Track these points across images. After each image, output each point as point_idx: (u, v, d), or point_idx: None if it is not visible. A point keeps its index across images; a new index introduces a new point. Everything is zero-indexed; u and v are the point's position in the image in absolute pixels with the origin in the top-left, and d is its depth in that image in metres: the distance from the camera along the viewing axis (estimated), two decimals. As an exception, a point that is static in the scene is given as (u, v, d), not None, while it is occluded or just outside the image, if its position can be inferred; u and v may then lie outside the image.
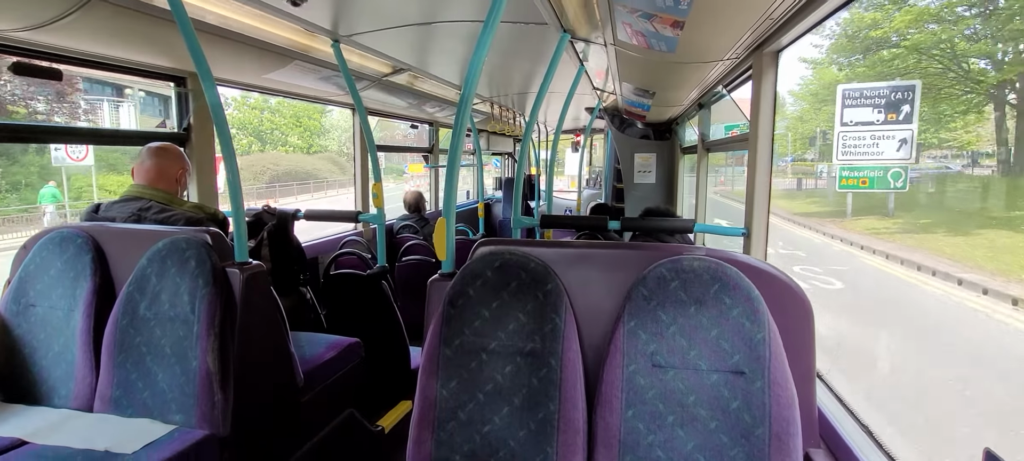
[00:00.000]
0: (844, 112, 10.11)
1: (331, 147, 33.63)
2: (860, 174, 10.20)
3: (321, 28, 2.13)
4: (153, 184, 1.77)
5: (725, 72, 2.27)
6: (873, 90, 9.97)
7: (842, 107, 10.16)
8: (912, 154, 9.81)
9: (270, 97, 24.38)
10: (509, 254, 1.23)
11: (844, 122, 10.08)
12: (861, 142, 9.93)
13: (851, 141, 10.01)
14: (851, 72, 17.21)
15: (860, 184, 10.29)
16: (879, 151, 9.80)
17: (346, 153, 33.20)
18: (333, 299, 2.60)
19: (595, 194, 8.02)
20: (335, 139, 33.84)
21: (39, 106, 13.70)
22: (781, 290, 1.13)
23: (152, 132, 2.40)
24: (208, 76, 1.57)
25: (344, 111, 3.73)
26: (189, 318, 1.47)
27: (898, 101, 9.66)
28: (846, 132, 10.03)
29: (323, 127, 33.39)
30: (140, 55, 2.00)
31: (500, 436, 1.14)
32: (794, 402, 1.05)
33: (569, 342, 1.16)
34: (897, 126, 9.63)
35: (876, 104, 9.86)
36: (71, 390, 1.55)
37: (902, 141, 9.62)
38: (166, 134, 2.29)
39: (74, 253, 1.60)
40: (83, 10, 1.53)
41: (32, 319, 1.60)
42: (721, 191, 18.20)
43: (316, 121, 32.03)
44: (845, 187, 10.58)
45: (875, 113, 9.82)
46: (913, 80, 11.36)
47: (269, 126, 29.60)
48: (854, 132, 9.98)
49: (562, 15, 1.85)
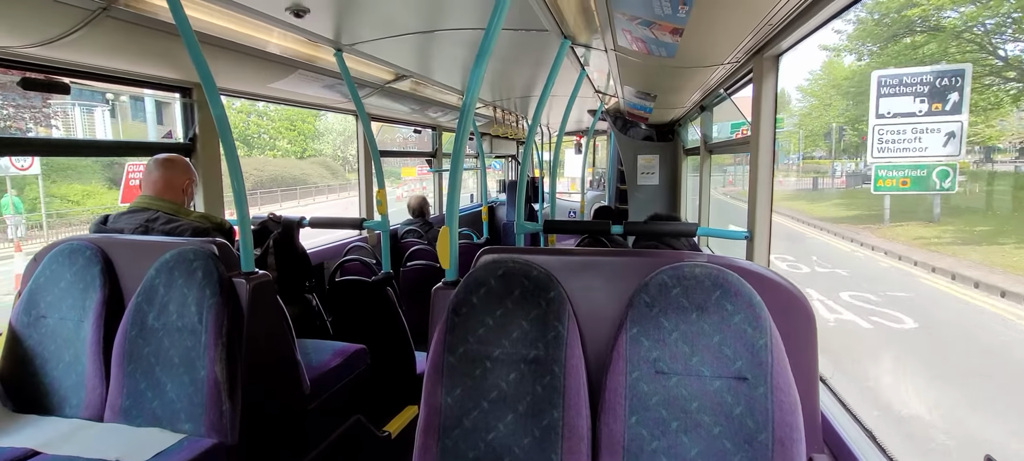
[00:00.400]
0: (880, 102, 8.48)
1: (326, 151, 33.01)
2: (900, 174, 8.61)
3: (324, 38, 2.15)
4: (160, 195, 1.79)
5: (726, 75, 2.27)
6: (914, 76, 8.33)
7: (878, 97, 8.55)
8: (960, 150, 8.22)
9: (258, 101, 24.02)
10: (512, 262, 1.24)
11: (880, 114, 8.46)
12: (901, 137, 8.32)
13: (889, 136, 8.39)
14: (877, 61, 15.51)
15: (900, 185, 8.66)
16: (922, 146, 8.16)
17: (340, 157, 32.65)
18: (339, 306, 2.62)
19: (599, 195, 8.02)
20: (330, 142, 33.32)
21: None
22: (783, 295, 1.14)
23: (159, 143, 2.43)
24: (213, 88, 1.59)
25: (340, 114, 3.76)
26: (197, 328, 1.49)
27: (944, 88, 8.16)
28: (883, 125, 8.41)
29: (317, 130, 32.78)
30: (146, 68, 2.03)
31: (505, 443, 1.15)
32: (797, 407, 1.06)
33: (572, 349, 1.16)
34: (943, 117, 8.04)
35: (918, 92, 8.27)
36: (82, 400, 1.57)
37: (949, 135, 8.03)
38: (173, 145, 2.32)
39: (83, 265, 1.62)
40: (89, 26, 1.55)
41: (43, 330, 1.63)
42: (730, 192, 16.80)
43: (310, 124, 31.29)
44: (883, 189, 8.88)
45: (917, 102, 8.23)
46: (962, 64, 9.76)
47: (256, 130, 28.60)
48: (892, 125, 8.36)
49: (562, 22, 1.86)
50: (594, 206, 5.25)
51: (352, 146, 36.57)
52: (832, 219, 14.57)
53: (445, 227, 1.43)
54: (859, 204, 15.60)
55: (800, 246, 11.98)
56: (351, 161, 33.59)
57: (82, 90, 14.25)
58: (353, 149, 32.62)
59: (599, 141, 9.12)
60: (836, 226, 13.30)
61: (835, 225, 13.45)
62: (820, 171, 24.05)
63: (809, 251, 11.11)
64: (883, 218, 12.51)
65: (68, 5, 1.46)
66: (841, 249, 11.37)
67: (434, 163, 5.21)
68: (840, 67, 25.58)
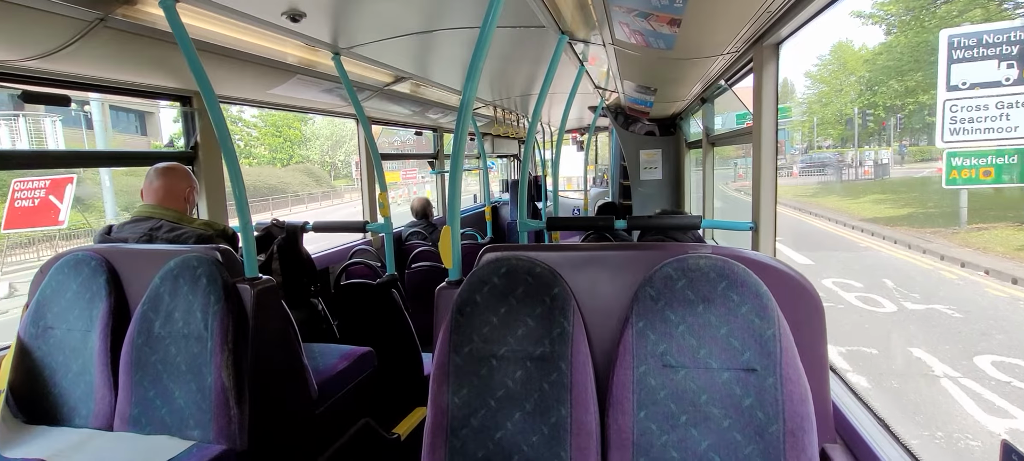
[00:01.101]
0: (951, 70, 6.06)
1: (313, 157, 32.37)
2: (983, 162, 6.40)
3: (321, 42, 2.16)
4: (162, 203, 1.80)
5: (726, 66, 2.26)
6: (999, 33, 5.98)
7: (948, 63, 6.08)
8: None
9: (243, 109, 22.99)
10: (515, 259, 1.23)
11: (952, 84, 6.06)
12: (982, 113, 5.96)
13: (965, 112, 6.03)
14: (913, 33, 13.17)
15: (982, 176, 6.41)
16: (1011, 125, 5.81)
17: (329, 162, 32.07)
18: (344, 309, 2.63)
19: (602, 192, 8.01)
20: (317, 149, 32.73)
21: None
22: (789, 285, 1.12)
23: (160, 152, 2.44)
24: (211, 96, 1.60)
25: (327, 118, 3.76)
26: (203, 335, 1.50)
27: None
28: (957, 100, 6.04)
29: (304, 136, 31.92)
30: (145, 77, 2.03)
31: (513, 442, 1.15)
32: (808, 397, 1.04)
33: (578, 345, 1.16)
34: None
35: (1005, 53, 5.92)
36: (91, 410, 1.58)
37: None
38: (174, 153, 2.33)
39: (89, 275, 1.63)
40: (87, 37, 1.56)
41: (51, 341, 1.64)
42: (742, 187, 13.58)
43: (297, 130, 30.49)
44: (956, 182, 6.49)
45: (1004, 68, 5.88)
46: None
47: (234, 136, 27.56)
48: (970, 99, 5.98)
49: (559, 17, 1.85)
50: (598, 203, 5.24)
51: (340, 150, 33.47)
52: (884, 220, 11.67)
53: (447, 226, 1.43)
54: (909, 200, 12.75)
55: (858, 261, 9.27)
56: (339, 167, 32.86)
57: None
58: (342, 154, 30.03)
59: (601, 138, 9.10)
60: (892, 230, 10.47)
61: (890, 228, 10.65)
62: (837, 163, 22.99)
63: (874, 270, 8.56)
64: (958, 219, 9.57)
65: (65, 17, 1.46)
66: (919, 266, 8.41)
67: (436, 165, 5.22)
68: (850, 50, 24.80)
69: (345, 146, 33.20)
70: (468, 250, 2.55)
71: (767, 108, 1.83)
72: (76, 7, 1.45)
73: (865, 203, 14.55)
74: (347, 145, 33.00)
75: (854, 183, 19.60)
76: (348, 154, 32.89)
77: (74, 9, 1.45)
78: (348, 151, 32.92)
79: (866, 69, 22.77)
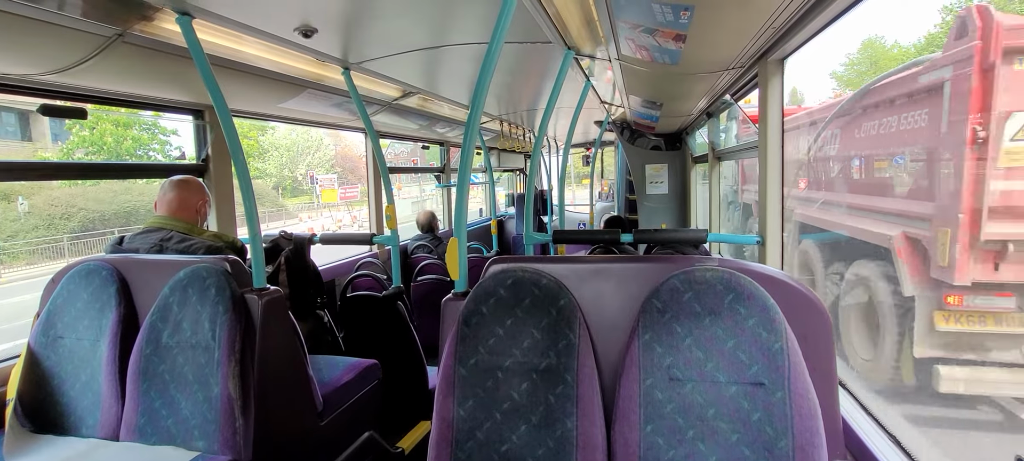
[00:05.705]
0: None
1: (270, 171, 26.41)
2: None
3: (332, 57, 2.19)
4: (174, 215, 1.83)
5: (731, 81, 2.27)
6: None
7: None
8: None
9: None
10: (521, 271, 1.23)
11: None
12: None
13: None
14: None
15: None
16: None
17: (289, 177, 27.10)
18: (350, 321, 2.63)
19: (608, 206, 8.00)
20: (274, 162, 26.88)
21: None
22: (797, 299, 1.12)
23: (174, 164, 2.48)
24: (224, 109, 1.63)
25: (287, 127, 3.80)
26: (210, 345, 1.50)
27: None
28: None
29: (262, 147, 25.98)
30: (159, 91, 2.08)
31: (519, 455, 1.14)
32: (817, 412, 1.03)
33: (584, 357, 1.15)
34: None
35: None
36: (98, 420, 1.58)
37: None
38: (186, 166, 2.37)
39: (99, 285, 1.64)
40: (105, 52, 1.60)
41: (60, 351, 1.65)
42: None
43: (252, 142, 24.70)
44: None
45: None
46: None
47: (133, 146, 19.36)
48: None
49: (566, 33, 1.88)
50: (604, 217, 5.25)
51: (302, 163, 29.09)
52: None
53: (454, 238, 1.44)
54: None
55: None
56: (301, 181, 27.79)
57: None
58: (303, 167, 26.36)
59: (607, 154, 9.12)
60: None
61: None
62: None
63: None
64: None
65: (85, 32, 1.51)
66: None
67: (443, 178, 5.25)
68: (881, 49, 23.36)
69: (307, 159, 28.08)
70: (474, 264, 2.55)
71: (773, 122, 1.83)
72: (96, 23, 1.48)
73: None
74: (310, 158, 28.06)
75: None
76: (310, 167, 27.74)
77: (94, 25, 1.49)
78: (310, 164, 27.88)
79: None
